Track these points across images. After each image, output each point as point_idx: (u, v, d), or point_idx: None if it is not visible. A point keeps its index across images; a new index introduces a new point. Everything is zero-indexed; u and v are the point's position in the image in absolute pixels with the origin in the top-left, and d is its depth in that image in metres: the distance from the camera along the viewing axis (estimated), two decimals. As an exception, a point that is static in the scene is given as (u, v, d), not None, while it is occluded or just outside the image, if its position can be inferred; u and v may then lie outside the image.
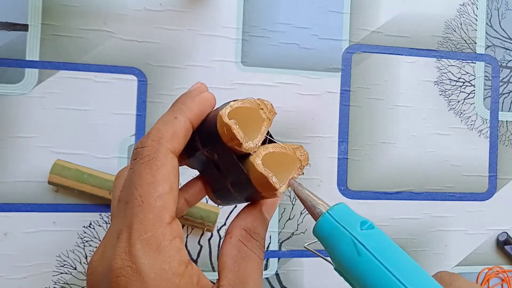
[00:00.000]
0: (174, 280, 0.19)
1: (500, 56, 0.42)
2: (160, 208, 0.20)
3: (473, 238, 0.41)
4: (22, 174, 0.35)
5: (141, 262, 0.19)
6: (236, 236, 0.23)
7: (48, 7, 0.35)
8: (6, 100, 0.35)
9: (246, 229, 0.23)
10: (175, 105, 0.24)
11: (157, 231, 0.20)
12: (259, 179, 0.22)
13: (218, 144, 0.22)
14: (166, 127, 0.22)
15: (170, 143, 0.22)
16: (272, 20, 0.39)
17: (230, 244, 0.22)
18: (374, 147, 0.40)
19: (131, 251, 0.19)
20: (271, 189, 0.22)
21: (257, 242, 0.23)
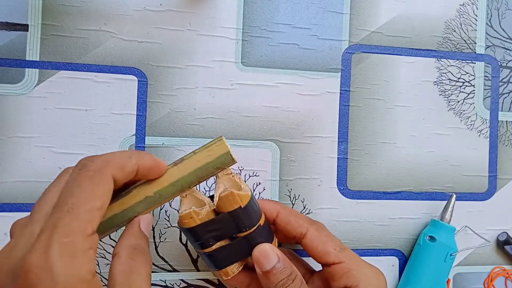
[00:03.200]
0: (81, 286, 0.21)
1: (500, 56, 0.42)
2: (86, 220, 0.22)
3: (473, 238, 0.41)
4: (22, 174, 0.35)
5: (54, 263, 0.20)
6: (124, 254, 0.24)
7: (48, 7, 0.35)
8: (6, 100, 0.35)
9: (133, 246, 0.25)
10: (132, 151, 0.26)
11: (77, 239, 0.21)
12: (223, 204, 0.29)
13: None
14: (118, 159, 0.24)
15: (116, 171, 0.24)
16: (272, 20, 0.39)
17: (119, 263, 0.24)
18: (374, 147, 0.40)
19: (48, 251, 0.20)
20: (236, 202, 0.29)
21: (144, 256, 0.25)
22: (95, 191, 0.22)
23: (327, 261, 0.31)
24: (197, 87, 0.37)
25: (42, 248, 0.20)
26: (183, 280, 0.37)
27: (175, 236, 0.37)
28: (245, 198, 0.29)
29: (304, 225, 0.32)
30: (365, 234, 0.40)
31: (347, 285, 0.30)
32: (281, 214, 0.33)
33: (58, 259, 0.20)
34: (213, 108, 0.38)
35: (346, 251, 0.32)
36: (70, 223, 0.21)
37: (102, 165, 0.23)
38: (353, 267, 0.31)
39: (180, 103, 0.37)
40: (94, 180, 0.22)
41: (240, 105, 0.38)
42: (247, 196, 0.29)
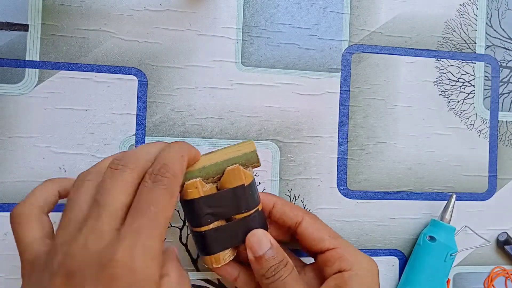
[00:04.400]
0: (153, 285, 0.24)
1: (500, 56, 0.42)
2: (163, 228, 0.25)
3: (473, 238, 0.41)
4: (22, 174, 0.35)
5: (137, 262, 0.23)
6: (174, 276, 0.27)
7: (48, 7, 0.35)
8: (6, 100, 0.35)
9: (180, 271, 0.28)
10: (180, 146, 0.28)
11: (157, 244, 0.24)
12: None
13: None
14: (180, 166, 0.27)
15: (181, 180, 0.27)
16: (272, 20, 0.39)
17: (169, 283, 0.26)
18: (374, 147, 0.40)
19: (133, 251, 0.23)
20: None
21: (188, 284, 0.29)
22: (170, 203, 0.25)
23: (322, 247, 0.32)
24: (197, 87, 0.37)
25: (128, 247, 0.23)
26: (183, 280, 0.37)
27: (175, 236, 0.37)
28: (249, 177, 0.31)
29: (300, 214, 0.33)
30: (365, 234, 0.40)
31: (340, 269, 0.31)
32: (277, 205, 0.34)
33: (141, 259, 0.23)
34: (213, 108, 0.38)
35: (339, 238, 0.33)
36: (153, 229, 0.24)
37: (174, 180, 0.26)
38: (346, 252, 0.31)
39: (180, 103, 0.37)
40: (168, 192, 0.25)
41: (240, 105, 0.38)
42: (251, 176, 0.31)
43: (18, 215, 0.27)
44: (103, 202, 0.25)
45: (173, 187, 0.26)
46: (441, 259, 0.38)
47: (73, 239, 0.24)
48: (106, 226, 0.24)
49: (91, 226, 0.24)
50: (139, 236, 0.24)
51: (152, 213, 0.24)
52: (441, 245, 0.38)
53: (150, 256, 0.24)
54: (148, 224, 0.24)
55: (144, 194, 0.25)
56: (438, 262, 0.38)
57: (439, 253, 0.38)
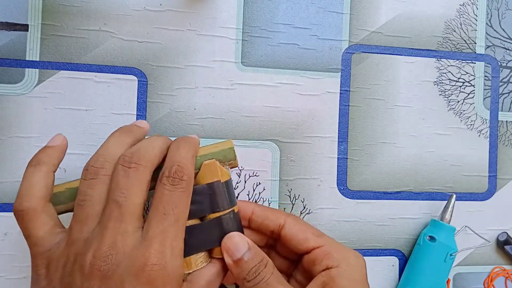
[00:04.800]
0: (180, 278, 0.26)
1: (500, 56, 0.42)
2: (183, 229, 0.27)
3: (473, 238, 0.41)
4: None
5: (168, 262, 0.25)
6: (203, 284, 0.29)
7: (48, 7, 0.35)
8: (6, 100, 0.35)
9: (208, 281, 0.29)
10: (187, 146, 0.29)
11: (180, 244, 0.26)
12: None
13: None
14: (192, 166, 0.28)
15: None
16: (271, 20, 0.39)
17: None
18: (374, 147, 0.40)
19: (164, 251, 0.25)
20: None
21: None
22: (187, 203, 0.27)
23: (307, 247, 0.31)
24: (197, 87, 0.37)
25: (159, 250, 0.25)
26: (183, 280, 0.37)
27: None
28: (226, 175, 0.30)
29: (281, 216, 0.32)
30: (365, 234, 0.40)
31: (328, 266, 0.31)
32: (257, 211, 0.33)
33: (171, 259, 0.25)
34: (213, 108, 0.38)
35: (324, 236, 0.32)
36: (176, 230, 0.26)
37: (190, 182, 0.27)
38: (332, 249, 0.31)
39: (180, 103, 0.37)
40: (186, 194, 0.27)
41: (240, 105, 0.38)
42: (228, 174, 0.30)
43: (26, 211, 0.27)
44: (122, 202, 0.25)
45: (189, 189, 0.27)
46: (441, 259, 0.38)
47: (98, 239, 0.25)
48: (130, 227, 0.25)
49: (115, 227, 0.25)
50: (166, 238, 0.25)
51: (175, 215, 0.26)
52: (441, 245, 0.38)
53: (176, 254, 0.26)
54: (172, 226, 0.26)
55: (165, 197, 0.26)
56: (438, 262, 0.38)
57: (439, 253, 0.38)
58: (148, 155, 0.27)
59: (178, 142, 0.29)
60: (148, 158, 0.27)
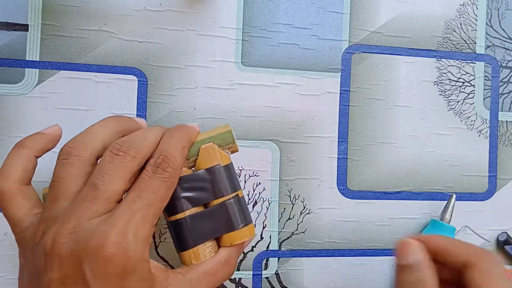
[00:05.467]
0: (144, 264, 0.25)
1: (500, 56, 0.42)
2: (157, 215, 0.26)
3: (473, 238, 0.41)
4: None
5: (129, 243, 0.24)
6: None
7: (48, 7, 0.35)
8: (6, 100, 0.35)
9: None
10: (181, 135, 0.29)
11: (147, 227, 0.25)
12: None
13: None
14: (181, 158, 0.28)
15: (180, 172, 0.28)
16: (272, 20, 0.39)
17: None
18: (374, 147, 0.40)
19: (126, 232, 0.24)
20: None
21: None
22: (166, 194, 0.26)
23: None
24: (197, 87, 0.37)
25: (121, 230, 0.24)
26: (183, 280, 0.37)
27: (175, 236, 0.37)
28: (226, 159, 0.29)
29: (473, 255, 0.27)
30: (365, 234, 0.40)
31: None
32: (448, 246, 0.28)
33: (133, 240, 0.24)
34: (213, 108, 0.38)
35: None
36: (147, 214, 0.25)
37: (174, 173, 0.27)
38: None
39: (180, 103, 0.37)
40: (167, 184, 0.26)
41: (240, 105, 0.38)
42: (228, 158, 0.30)
43: (0, 192, 0.27)
44: (101, 186, 0.25)
45: (172, 180, 0.27)
46: None
47: (65, 217, 0.25)
48: (101, 209, 0.25)
49: (85, 207, 0.25)
50: (132, 220, 0.24)
51: (149, 200, 0.25)
52: None
53: (140, 238, 0.24)
54: (142, 209, 0.25)
55: (143, 182, 0.26)
56: None
57: None
58: (139, 146, 0.27)
59: (171, 131, 0.28)
60: (138, 149, 0.26)
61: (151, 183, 0.26)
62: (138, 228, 0.25)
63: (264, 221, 0.38)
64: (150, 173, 0.26)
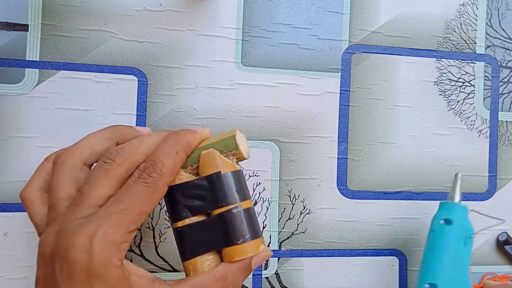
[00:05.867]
0: (112, 269, 0.24)
1: (500, 56, 0.42)
2: (134, 220, 0.25)
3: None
4: (22, 174, 0.35)
5: (94, 246, 0.24)
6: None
7: (48, 7, 0.35)
8: (6, 100, 0.35)
9: None
10: (179, 142, 0.28)
11: (119, 232, 0.25)
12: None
13: None
14: (174, 165, 0.27)
15: (171, 178, 0.27)
16: (271, 20, 0.39)
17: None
18: (374, 147, 0.40)
19: (94, 235, 0.24)
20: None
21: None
22: (149, 199, 0.26)
23: None
24: (197, 87, 0.37)
25: (89, 232, 0.24)
26: (183, 280, 0.37)
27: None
28: (228, 165, 0.27)
29: None
30: (365, 234, 0.40)
31: None
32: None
33: (99, 243, 0.24)
34: (213, 108, 0.38)
35: None
36: (121, 219, 0.25)
37: (159, 179, 0.26)
38: None
39: (180, 103, 0.37)
40: (149, 190, 0.26)
41: (240, 105, 0.38)
42: (231, 164, 0.27)
43: (22, 198, 0.29)
44: (86, 192, 0.26)
45: (157, 185, 0.26)
46: (461, 243, 0.35)
47: (56, 220, 0.26)
48: (85, 211, 0.25)
49: (71, 211, 0.25)
50: (104, 222, 0.24)
51: (126, 204, 0.25)
52: (458, 227, 0.35)
53: (108, 242, 0.24)
54: (117, 214, 0.25)
55: (126, 187, 0.26)
56: (458, 247, 0.34)
57: (457, 236, 0.35)
58: (128, 153, 0.27)
59: (167, 136, 0.28)
60: (126, 155, 0.26)
61: (131, 188, 0.26)
62: (108, 232, 0.24)
63: (264, 221, 0.38)
64: (134, 178, 0.26)
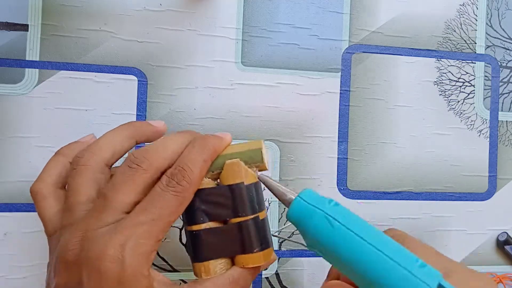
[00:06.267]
0: (141, 280, 0.24)
1: (500, 56, 0.42)
2: (162, 230, 0.25)
3: (473, 238, 0.41)
4: (22, 174, 0.35)
5: (127, 256, 0.24)
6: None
7: (48, 7, 0.35)
8: (6, 100, 0.35)
9: None
10: (206, 148, 0.27)
11: (150, 242, 0.25)
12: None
13: None
14: (201, 172, 0.26)
15: (197, 187, 0.27)
16: (272, 20, 0.39)
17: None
18: (374, 147, 0.40)
19: (125, 245, 0.24)
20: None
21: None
22: (177, 209, 0.25)
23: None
24: (197, 87, 0.37)
25: (119, 241, 0.24)
26: (183, 280, 0.37)
27: (175, 236, 0.37)
28: (251, 177, 0.28)
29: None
30: (365, 234, 0.40)
31: None
32: None
33: (131, 254, 0.24)
34: (213, 108, 0.38)
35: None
36: (150, 229, 0.24)
37: (188, 187, 0.26)
38: None
39: (180, 103, 0.37)
40: (179, 199, 0.25)
41: (240, 105, 0.38)
42: (253, 176, 0.28)
43: (34, 193, 0.28)
44: (110, 197, 0.25)
45: (185, 195, 0.26)
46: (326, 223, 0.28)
47: (77, 225, 0.25)
48: (110, 218, 0.25)
49: (94, 217, 0.25)
50: (134, 233, 0.24)
51: (155, 214, 0.25)
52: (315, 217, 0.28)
53: (140, 253, 0.24)
54: (147, 224, 0.24)
55: (154, 195, 0.25)
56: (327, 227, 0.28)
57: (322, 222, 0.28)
58: (153, 158, 0.26)
59: (194, 142, 0.27)
60: (151, 161, 0.26)
61: (161, 197, 0.25)
62: (139, 243, 0.24)
63: (264, 221, 0.38)
64: (163, 185, 0.25)
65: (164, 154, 0.26)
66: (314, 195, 0.26)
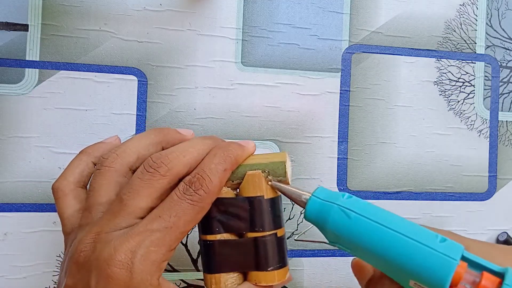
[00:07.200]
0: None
1: (500, 56, 0.42)
2: (176, 239, 0.25)
3: (473, 238, 0.41)
4: (22, 174, 0.35)
5: (136, 263, 0.23)
6: None
7: (48, 7, 0.35)
8: (6, 100, 0.35)
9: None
10: (228, 157, 0.27)
11: (161, 251, 0.24)
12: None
13: None
14: (219, 182, 0.26)
15: (216, 196, 0.26)
16: (272, 20, 0.39)
17: None
18: (374, 147, 0.40)
19: (136, 252, 0.23)
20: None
21: None
22: (194, 218, 0.25)
23: None
24: (197, 87, 0.37)
25: (130, 247, 0.23)
26: (183, 280, 0.37)
27: (175, 236, 0.37)
28: (271, 192, 0.27)
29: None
30: (365, 234, 0.40)
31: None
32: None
33: (140, 262, 0.23)
34: (213, 108, 0.38)
35: None
36: (163, 237, 0.24)
37: (206, 197, 0.25)
38: None
39: (180, 103, 0.37)
40: (195, 209, 0.25)
41: (240, 105, 0.38)
42: (274, 192, 0.27)
43: (55, 190, 0.28)
44: (126, 200, 0.25)
45: (202, 205, 0.25)
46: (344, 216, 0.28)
47: (91, 227, 0.25)
48: (123, 223, 0.24)
49: (108, 220, 0.25)
50: (146, 240, 0.24)
51: (170, 222, 0.24)
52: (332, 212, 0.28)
53: (150, 261, 0.23)
54: (160, 231, 0.24)
55: (170, 202, 0.25)
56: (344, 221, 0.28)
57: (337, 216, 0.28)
58: (172, 164, 0.25)
59: (216, 150, 0.26)
60: (170, 166, 0.25)
61: (177, 205, 0.24)
62: (150, 250, 0.23)
63: (264, 221, 0.38)
64: (180, 193, 0.25)
65: (183, 160, 0.26)
66: (327, 192, 0.27)
